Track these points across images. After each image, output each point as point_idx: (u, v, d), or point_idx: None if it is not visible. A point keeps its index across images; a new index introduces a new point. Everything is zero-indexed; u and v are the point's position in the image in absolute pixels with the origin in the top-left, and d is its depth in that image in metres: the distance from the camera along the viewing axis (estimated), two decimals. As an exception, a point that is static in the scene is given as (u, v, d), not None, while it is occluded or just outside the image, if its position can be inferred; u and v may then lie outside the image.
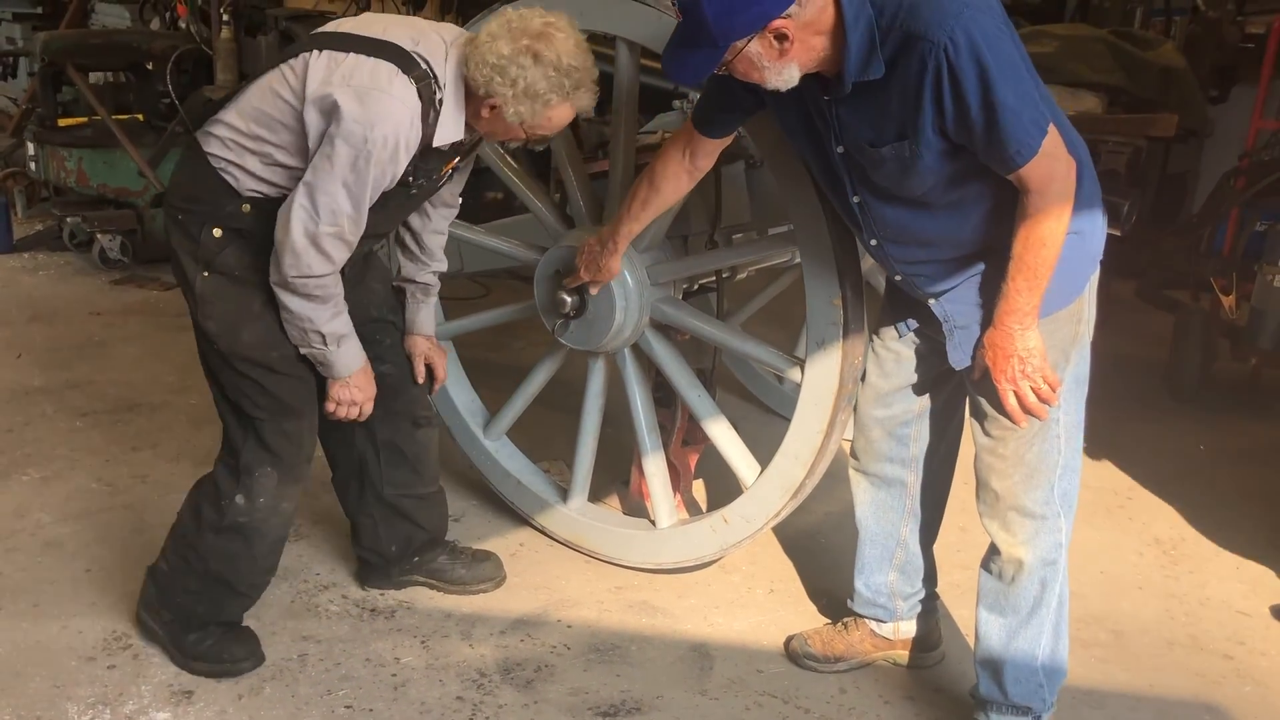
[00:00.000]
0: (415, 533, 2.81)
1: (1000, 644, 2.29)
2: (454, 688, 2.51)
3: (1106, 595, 2.97)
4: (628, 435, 2.99)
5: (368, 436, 2.67)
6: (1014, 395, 2.06)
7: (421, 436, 2.75)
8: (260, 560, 2.54)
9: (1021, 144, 1.85)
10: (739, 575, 3.01)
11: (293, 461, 2.47)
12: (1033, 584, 2.24)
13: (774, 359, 2.70)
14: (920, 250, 2.12)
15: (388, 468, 2.71)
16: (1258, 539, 3.33)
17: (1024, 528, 2.21)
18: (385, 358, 2.63)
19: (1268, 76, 4.62)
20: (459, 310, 3.42)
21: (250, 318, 2.34)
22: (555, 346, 2.99)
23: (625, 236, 2.55)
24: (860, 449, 2.49)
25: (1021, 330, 2.02)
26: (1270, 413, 4.27)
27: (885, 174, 2.01)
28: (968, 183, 1.99)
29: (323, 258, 2.21)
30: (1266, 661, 2.74)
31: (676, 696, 2.52)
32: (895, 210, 2.08)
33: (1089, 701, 2.54)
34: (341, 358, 2.37)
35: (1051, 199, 1.91)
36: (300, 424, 2.45)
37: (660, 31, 2.50)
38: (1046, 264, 1.95)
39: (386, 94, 2.12)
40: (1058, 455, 2.17)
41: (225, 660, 2.51)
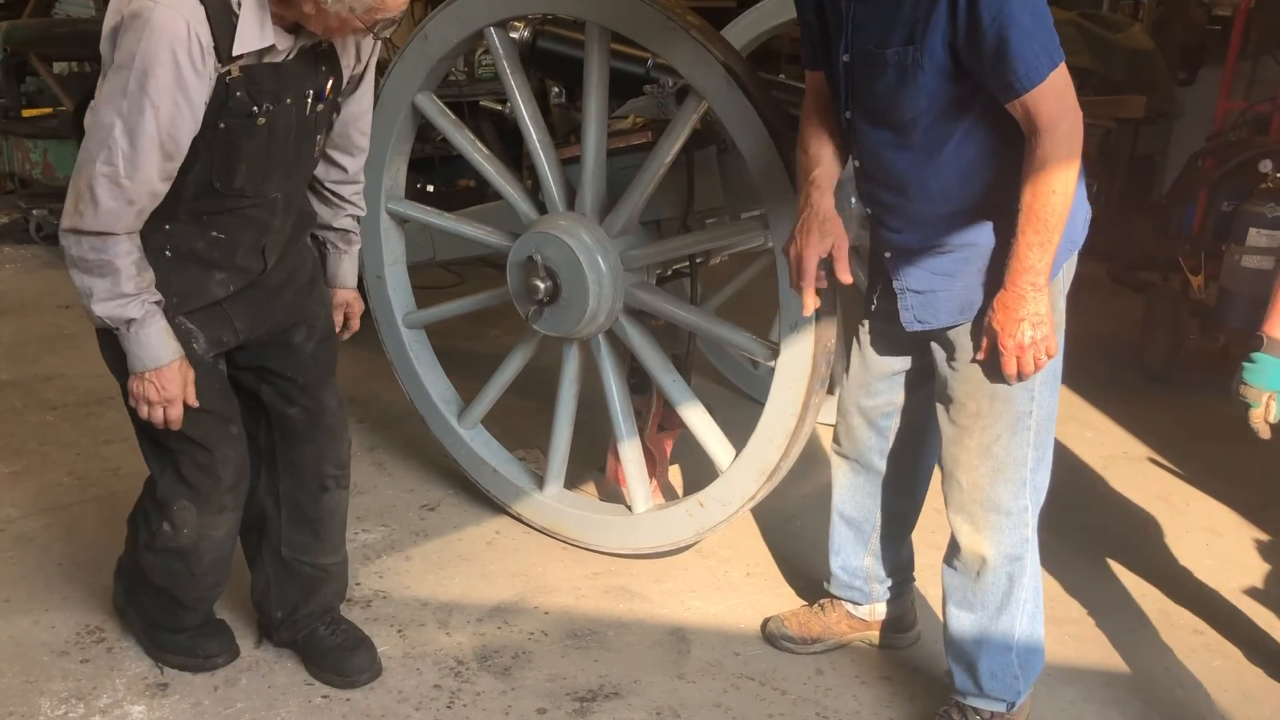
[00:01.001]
0: (301, 604, 2.49)
1: (972, 641, 2.27)
2: (431, 676, 2.50)
3: (1080, 573, 2.99)
4: (603, 421, 2.99)
5: (268, 487, 2.42)
6: (1016, 362, 2.01)
7: (328, 501, 2.43)
8: (202, 579, 2.37)
9: (1030, 68, 1.81)
10: (715, 559, 3.03)
11: (210, 494, 2.25)
12: (999, 579, 2.21)
13: (748, 343, 2.71)
14: (888, 193, 2.09)
15: (288, 526, 2.43)
16: (1227, 516, 3.37)
17: (989, 522, 2.18)
18: (295, 400, 2.33)
19: (1234, 58, 4.66)
20: (432, 298, 3.41)
21: None
22: (529, 333, 2.98)
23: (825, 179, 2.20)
24: (842, 434, 2.49)
25: (1035, 292, 1.97)
26: (1239, 391, 4.32)
27: (883, 86, 1.96)
28: (956, 123, 1.96)
29: (92, 206, 1.89)
30: (1236, 636, 2.77)
31: (654, 680, 2.52)
32: (878, 134, 2.04)
33: (1062, 678, 2.56)
34: (137, 346, 2.02)
35: (1060, 141, 1.86)
36: (213, 455, 2.21)
37: (630, 16, 2.50)
38: (1057, 215, 1.90)
39: (154, 4, 1.81)
40: (1028, 449, 2.13)
41: (199, 655, 2.46)
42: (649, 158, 2.64)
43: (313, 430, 2.37)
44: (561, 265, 2.72)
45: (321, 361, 2.36)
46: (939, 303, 2.13)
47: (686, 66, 2.48)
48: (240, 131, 1.98)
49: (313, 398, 2.35)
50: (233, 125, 1.96)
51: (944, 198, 2.04)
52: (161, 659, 2.48)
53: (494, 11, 2.74)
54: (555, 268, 2.73)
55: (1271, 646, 2.73)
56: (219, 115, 1.94)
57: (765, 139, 2.42)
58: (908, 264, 2.14)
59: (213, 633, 2.51)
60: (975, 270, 2.07)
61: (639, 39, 2.53)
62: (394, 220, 3.16)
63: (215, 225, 2.09)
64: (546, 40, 3.09)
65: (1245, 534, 3.27)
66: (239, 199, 2.06)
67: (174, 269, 2.08)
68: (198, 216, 2.07)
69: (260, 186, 2.08)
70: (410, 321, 3.22)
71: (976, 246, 2.06)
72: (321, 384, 2.36)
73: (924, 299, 2.13)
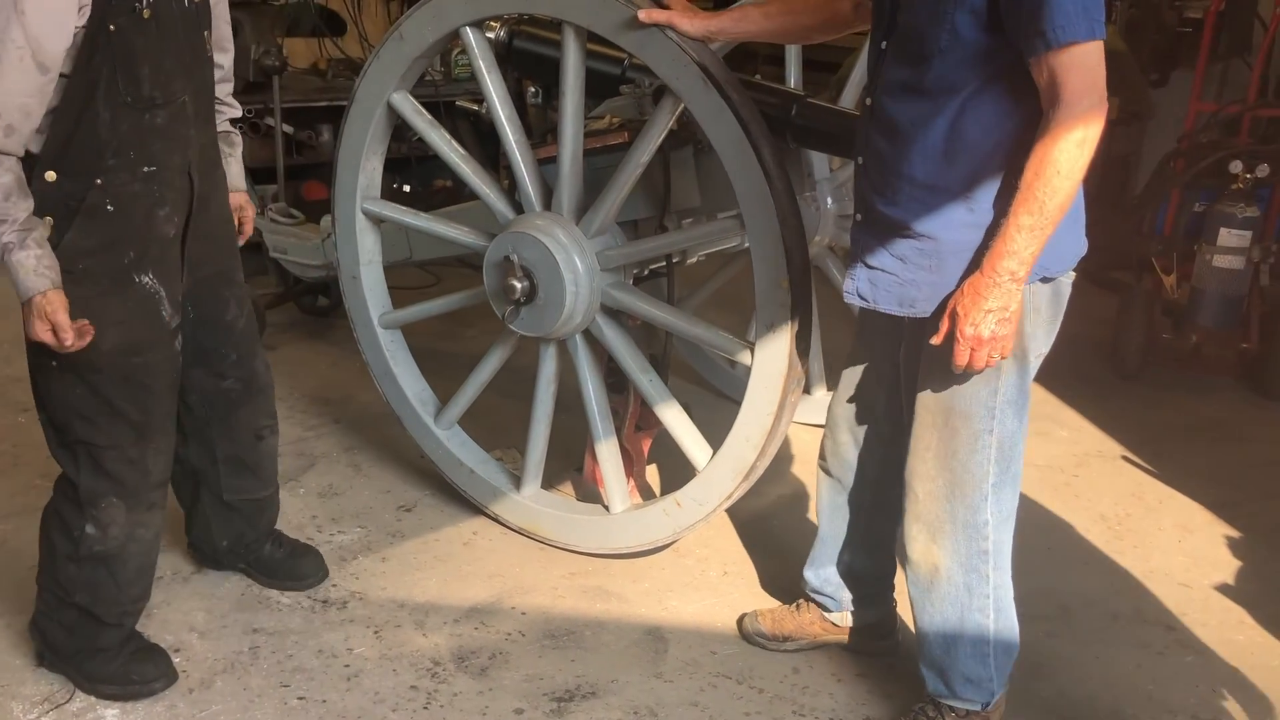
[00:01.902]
0: (247, 530, 2.72)
1: (940, 647, 2.26)
2: (408, 677, 2.50)
3: (1054, 570, 3.02)
4: (580, 421, 2.99)
5: (205, 453, 2.55)
6: (970, 354, 1.95)
7: (264, 447, 2.64)
8: (126, 588, 2.32)
9: (1068, 21, 1.76)
10: (692, 558, 3.03)
11: (138, 489, 2.23)
12: (955, 589, 2.19)
13: (724, 343, 2.71)
14: (882, 139, 2.05)
15: (228, 476, 2.60)
16: (1199, 513, 3.40)
17: (945, 533, 2.16)
18: (228, 373, 2.47)
19: (1204, 61, 4.70)
20: (409, 299, 3.39)
21: (111, 322, 2.10)
22: (506, 334, 2.98)
23: (715, 28, 2.40)
24: (827, 450, 2.48)
25: (1011, 283, 1.89)
26: (1211, 389, 4.36)
27: (921, 9, 1.92)
28: (969, 76, 1.90)
29: None
30: (1207, 632, 2.80)
31: (631, 680, 2.53)
32: (898, 71, 1.99)
33: (1037, 674, 2.58)
34: (14, 274, 1.97)
35: (1079, 119, 1.79)
36: (147, 447, 2.21)
37: (606, 17, 2.50)
38: (1057, 200, 1.83)
39: None
40: (989, 465, 2.10)
41: (135, 681, 2.36)
42: (626, 158, 2.64)
43: (246, 395, 2.53)
44: (538, 265, 2.72)
45: (250, 333, 2.49)
46: (883, 283, 2.11)
47: (662, 67, 2.48)
48: (130, 30, 1.96)
49: (245, 368, 2.49)
50: (121, 25, 1.94)
51: (927, 164, 1.98)
52: (97, 691, 2.35)
53: (470, 11, 2.73)
54: (532, 268, 2.73)
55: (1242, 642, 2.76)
56: (106, 16, 1.92)
57: (741, 139, 2.42)
58: (871, 234, 2.11)
59: (146, 657, 2.41)
60: (925, 266, 2.04)
61: (615, 39, 2.53)
62: (370, 220, 3.15)
63: (143, 158, 2.07)
64: (523, 40, 3.09)
65: (1216, 530, 3.30)
66: (153, 110, 2.03)
67: (122, 220, 2.08)
68: (124, 154, 2.05)
69: (168, 88, 2.06)
70: (386, 322, 3.21)
71: (935, 241, 2.02)
72: (252, 354, 2.50)
73: (873, 275, 2.11)
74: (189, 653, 2.54)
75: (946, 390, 2.09)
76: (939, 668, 2.28)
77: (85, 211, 2.03)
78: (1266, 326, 4.27)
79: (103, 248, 2.08)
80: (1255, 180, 4.20)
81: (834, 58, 5.10)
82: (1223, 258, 4.21)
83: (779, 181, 2.43)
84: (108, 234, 2.06)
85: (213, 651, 2.54)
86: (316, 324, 4.65)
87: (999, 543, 2.17)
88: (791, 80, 3.57)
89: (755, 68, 6.67)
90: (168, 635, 2.58)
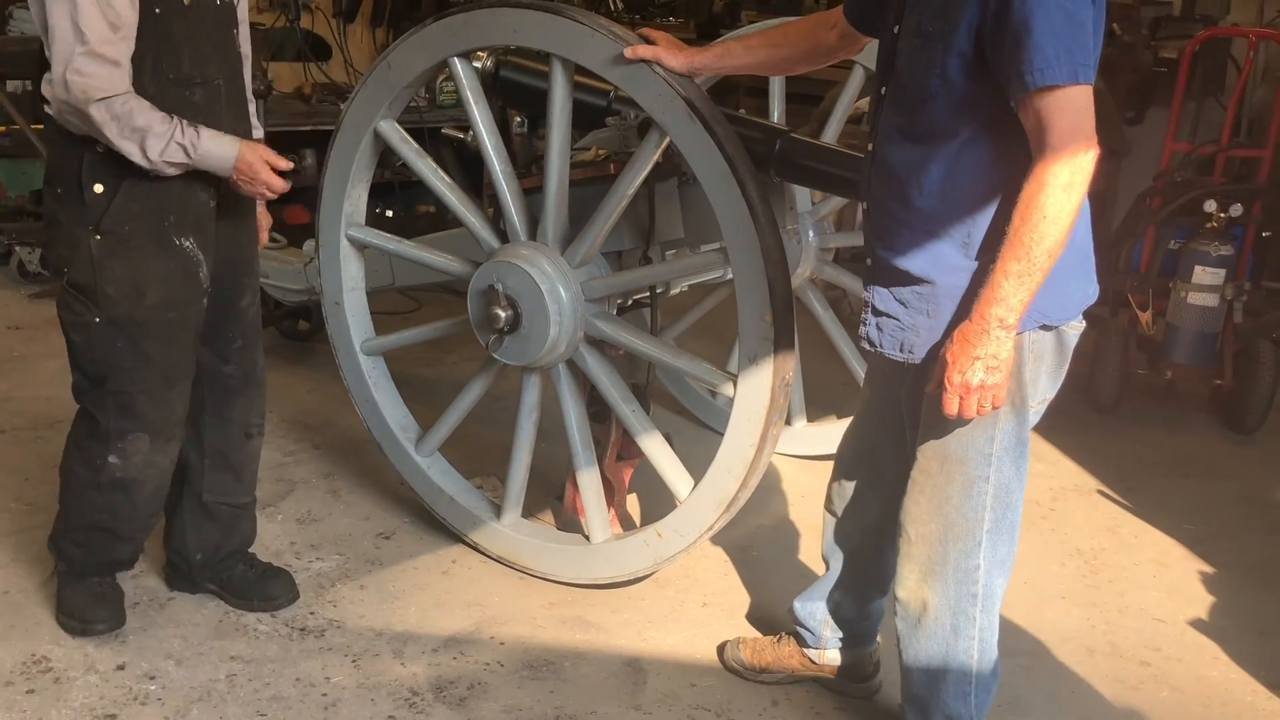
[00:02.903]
0: (223, 542, 2.78)
1: (922, 686, 2.25)
2: (385, 707, 2.48)
3: (1030, 605, 3.03)
4: (561, 450, 3.00)
5: (194, 443, 2.65)
6: (959, 402, 1.94)
7: (251, 447, 2.75)
8: (142, 507, 2.55)
9: (1048, 63, 1.76)
10: (673, 589, 3.03)
11: (163, 425, 2.48)
12: (942, 629, 2.18)
13: (707, 374, 2.73)
14: (882, 185, 2.07)
15: (211, 473, 2.70)
16: (1173, 548, 3.43)
17: (936, 575, 2.15)
18: (232, 359, 2.61)
19: (1179, 100, 4.78)
20: (390, 324, 3.39)
21: (154, 280, 2.35)
22: (489, 362, 2.98)
23: (700, 64, 2.47)
24: (834, 493, 2.46)
25: (1001, 330, 1.87)
26: (1185, 425, 4.41)
27: (909, 56, 1.95)
28: (961, 123, 1.93)
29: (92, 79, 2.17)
30: (1182, 667, 2.82)
31: (610, 712, 2.52)
32: (894, 117, 2.02)
33: (1013, 709, 2.59)
34: (210, 160, 2.30)
35: (1066, 165, 1.79)
36: (172, 390, 2.46)
37: (594, 51, 2.53)
38: (1044, 247, 1.81)
39: None
40: (984, 511, 2.09)
41: (87, 620, 2.59)
42: (611, 189, 2.67)
43: (244, 386, 2.64)
44: (523, 294, 2.73)
45: (256, 326, 2.63)
46: (888, 328, 2.11)
47: (649, 101, 2.50)
48: (173, 14, 2.25)
49: (247, 356, 2.61)
50: (165, 9, 2.24)
51: (923, 208, 1.99)
52: (61, 623, 2.61)
53: (458, 43, 2.75)
54: (516, 297, 2.74)
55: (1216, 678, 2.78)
56: (153, 1, 2.21)
57: (726, 173, 2.45)
58: (877, 280, 2.12)
59: (105, 600, 2.63)
60: (924, 310, 2.05)
61: (602, 73, 2.55)
62: (354, 246, 3.15)
63: None
64: (509, 70, 3.11)
65: (1191, 566, 3.33)
66: (191, 88, 2.30)
67: (164, 187, 2.33)
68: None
69: (204, 70, 2.33)
70: (368, 348, 3.21)
71: (932, 285, 2.03)
72: (255, 344, 2.63)
73: (880, 321, 2.12)
74: (165, 680, 2.51)
75: (943, 435, 2.08)
76: (920, 704, 2.28)
77: (133, 177, 2.28)
78: (1240, 363, 4.32)
79: (148, 211, 2.33)
80: (1229, 219, 4.27)
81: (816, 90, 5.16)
82: (1197, 295, 4.27)
83: (763, 215, 2.45)
84: (152, 199, 2.32)
85: (189, 679, 2.52)
86: (296, 349, 4.64)
87: (989, 587, 2.17)
88: (775, 113, 3.61)
89: (737, 100, 6.73)
90: (143, 663, 2.56)
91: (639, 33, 2.56)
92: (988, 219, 1.96)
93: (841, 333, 3.78)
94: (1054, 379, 2.12)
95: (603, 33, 2.52)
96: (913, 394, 2.16)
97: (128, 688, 2.48)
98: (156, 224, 2.36)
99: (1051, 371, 2.10)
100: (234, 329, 2.59)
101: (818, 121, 4.53)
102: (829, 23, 2.35)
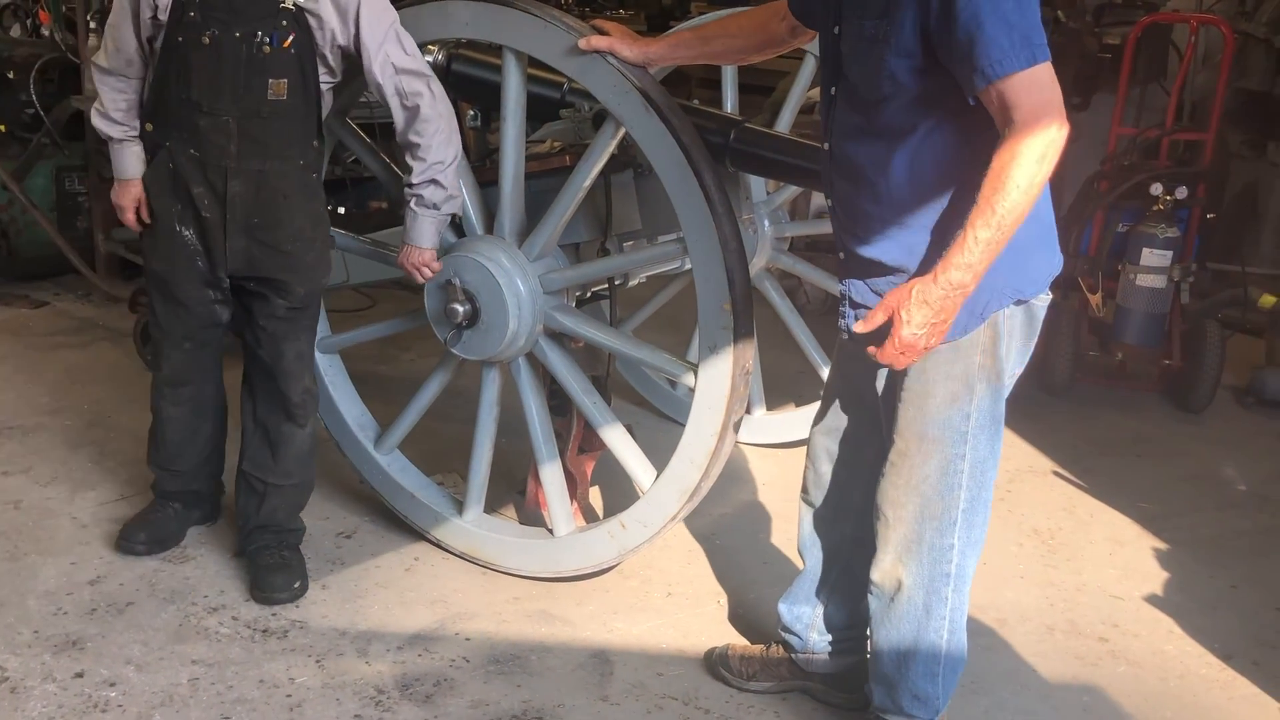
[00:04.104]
0: (253, 516, 2.91)
1: (891, 663, 2.27)
2: (351, 706, 2.47)
3: (989, 585, 3.07)
4: (522, 445, 2.99)
5: (251, 410, 2.89)
6: (893, 353, 1.96)
7: (287, 430, 2.86)
8: (162, 447, 2.95)
9: (1002, 55, 1.78)
10: (637, 580, 3.04)
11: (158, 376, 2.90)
12: (914, 607, 2.20)
13: (667, 364, 2.73)
14: (846, 184, 2.08)
15: (252, 444, 2.89)
16: (1128, 527, 3.49)
17: (911, 554, 2.18)
18: (263, 344, 2.79)
19: (1125, 85, 4.85)
20: (345, 322, 3.37)
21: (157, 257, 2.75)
22: (448, 357, 2.97)
23: (654, 54, 2.49)
24: (809, 480, 2.45)
25: (956, 292, 1.89)
26: (1136, 405, 4.48)
27: (856, 60, 1.96)
28: (919, 119, 1.94)
29: (101, 54, 2.66)
30: (1139, 643, 2.88)
31: (578, 704, 2.52)
32: (850, 118, 2.03)
33: (974, 688, 2.62)
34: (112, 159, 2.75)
35: (1038, 138, 1.80)
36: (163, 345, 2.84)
37: (548, 43, 2.52)
38: (1014, 214, 1.82)
39: None
40: (960, 490, 2.12)
41: (126, 536, 2.97)
42: (567, 182, 2.66)
43: (272, 372, 2.81)
44: (480, 288, 2.72)
45: (287, 321, 2.77)
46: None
47: (604, 92, 2.50)
48: (191, 47, 2.52)
49: (275, 348, 2.78)
50: (185, 39, 2.51)
51: (891, 201, 2.01)
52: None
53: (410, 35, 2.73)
54: (474, 291, 2.73)
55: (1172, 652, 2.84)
56: (176, 31, 2.51)
57: (682, 163, 2.45)
58: (853, 272, 2.13)
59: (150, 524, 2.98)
60: None
61: (556, 64, 2.54)
62: (308, 244, 3.11)
63: (191, 143, 2.59)
64: (461, 64, 3.09)
65: (1146, 543, 3.39)
66: (199, 114, 2.55)
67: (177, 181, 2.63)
68: (179, 135, 2.60)
69: (213, 103, 2.54)
70: (324, 346, 3.18)
71: (906, 274, 2.03)
72: (284, 339, 2.78)
73: (859, 313, 2.12)
74: (125, 686, 2.48)
75: (920, 415, 2.10)
76: (889, 683, 2.30)
77: (158, 161, 2.65)
78: (1188, 343, 4.40)
79: (162, 193, 2.66)
80: (1175, 202, 4.35)
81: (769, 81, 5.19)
82: (1145, 277, 4.34)
83: (720, 205, 2.46)
84: (165, 186, 2.65)
85: (150, 684, 2.49)
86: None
87: (962, 567, 2.19)
88: (728, 104, 3.62)
89: (691, 91, 6.75)
90: (102, 669, 2.52)
91: (592, 24, 2.55)
92: (957, 204, 1.97)
93: (798, 321, 3.80)
94: (1024, 353, 2.15)
95: (556, 24, 2.51)
96: (890, 378, 2.17)
97: (87, 695, 2.44)
98: (166, 207, 2.67)
99: (1021, 346, 2.13)
100: (267, 320, 2.76)
101: (770, 112, 4.55)
102: (779, 14, 2.36)
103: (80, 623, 2.68)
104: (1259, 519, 3.60)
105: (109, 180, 2.83)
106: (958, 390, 2.07)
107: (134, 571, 2.90)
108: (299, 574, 2.87)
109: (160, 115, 2.63)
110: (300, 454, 2.90)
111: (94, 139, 4.64)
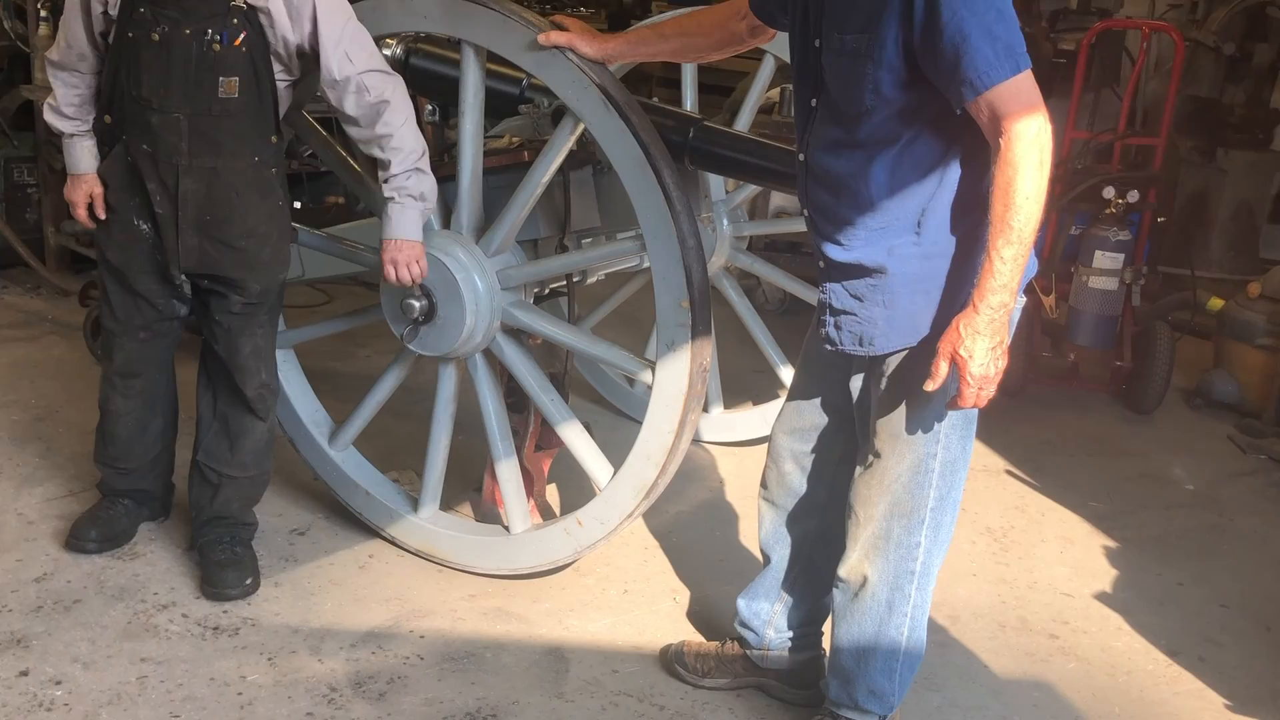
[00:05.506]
0: (207, 507, 2.88)
1: (850, 657, 2.28)
2: (304, 704, 2.44)
3: (942, 583, 3.05)
4: (478, 442, 2.97)
5: (211, 401, 2.87)
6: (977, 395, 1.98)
7: (248, 422, 2.84)
8: (108, 444, 2.91)
9: (988, 67, 1.81)
10: (593, 577, 3.03)
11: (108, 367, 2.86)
12: (878, 603, 2.22)
13: (625, 361, 2.73)
14: (825, 193, 2.10)
15: (208, 435, 2.87)
16: (1079, 525, 3.54)
17: (879, 550, 2.19)
18: (219, 339, 2.77)
19: (1079, 90, 4.92)
20: (301, 317, 3.33)
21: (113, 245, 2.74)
22: (404, 353, 2.95)
23: (614, 51, 2.50)
24: (771, 479, 2.45)
25: (1003, 314, 1.93)
26: (1088, 405, 4.54)
27: (837, 73, 1.97)
28: (901, 130, 1.96)
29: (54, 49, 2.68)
30: (1088, 639, 2.92)
31: (533, 701, 2.51)
32: (830, 130, 2.04)
33: (927, 685, 2.65)
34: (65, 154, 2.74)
35: (1031, 145, 1.84)
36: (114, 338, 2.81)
37: (507, 38, 2.51)
38: (1030, 224, 1.86)
39: None
40: (930, 490, 2.14)
41: (77, 535, 2.92)
42: (525, 177, 2.65)
43: (228, 366, 2.79)
44: (437, 284, 2.70)
45: (243, 316, 2.74)
46: (846, 325, 2.13)
47: (563, 88, 2.50)
48: (141, 43, 2.50)
49: (230, 344, 2.75)
50: (135, 36, 2.51)
51: (874, 207, 2.02)
52: None
53: (368, 29, 2.70)
54: (431, 287, 2.71)
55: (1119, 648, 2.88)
56: (126, 28, 2.51)
57: (641, 160, 2.45)
58: (833, 277, 2.14)
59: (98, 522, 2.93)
60: (879, 302, 2.07)
61: (515, 60, 2.53)
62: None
63: (143, 139, 2.57)
64: (419, 58, 3.07)
65: (1095, 541, 3.44)
66: (149, 110, 2.54)
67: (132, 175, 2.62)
68: (133, 130, 2.59)
69: (163, 100, 2.53)
70: (279, 341, 3.13)
71: (885, 275, 2.05)
72: (239, 334, 2.75)
73: (839, 319, 2.13)
74: (72, 685, 2.44)
75: (895, 416, 2.12)
76: (847, 677, 2.31)
77: (115, 155, 2.64)
78: (1138, 345, 4.47)
79: (119, 186, 2.66)
80: (1127, 205, 4.41)
81: (728, 81, 5.20)
82: (1098, 279, 4.41)
83: (679, 202, 2.46)
84: (122, 179, 2.65)
85: (97, 683, 2.45)
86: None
87: (928, 565, 2.21)
88: (688, 103, 3.63)
89: (651, 90, 6.75)
90: (48, 668, 2.48)
91: (552, 20, 2.55)
92: (938, 204, 2.00)
93: (756, 320, 3.81)
94: None
95: (515, 19, 2.50)
96: (869, 383, 2.18)
97: (32, 694, 2.40)
98: (123, 200, 2.67)
99: None
100: (221, 315, 2.74)
101: (729, 111, 4.56)
102: (739, 13, 2.37)
103: (25, 620, 2.64)
104: (1205, 518, 3.66)
105: (59, 172, 2.84)
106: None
107: (82, 569, 2.85)
108: (251, 570, 2.83)
109: (116, 109, 2.62)
110: (258, 447, 2.87)
111: (44, 130, 4.55)
